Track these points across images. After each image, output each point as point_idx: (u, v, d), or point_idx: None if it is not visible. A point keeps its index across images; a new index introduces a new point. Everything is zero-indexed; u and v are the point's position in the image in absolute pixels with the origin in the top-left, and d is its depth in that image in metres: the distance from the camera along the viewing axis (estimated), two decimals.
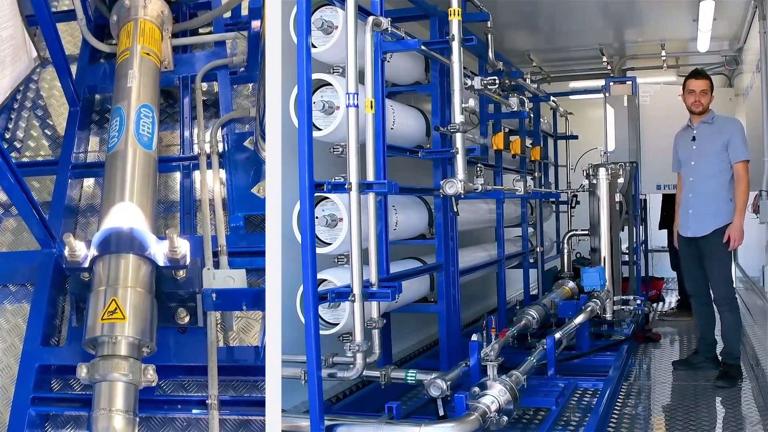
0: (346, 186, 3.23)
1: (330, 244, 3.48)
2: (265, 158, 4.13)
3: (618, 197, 6.55)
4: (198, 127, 4.61)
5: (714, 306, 5.38)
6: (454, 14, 3.82)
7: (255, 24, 4.69)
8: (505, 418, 3.38)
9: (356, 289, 3.24)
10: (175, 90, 4.99)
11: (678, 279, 8.03)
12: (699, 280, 5.33)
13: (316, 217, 3.38)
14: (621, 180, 6.73)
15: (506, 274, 5.89)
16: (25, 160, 4.80)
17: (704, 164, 5.20)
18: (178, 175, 4.57)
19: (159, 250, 3.37)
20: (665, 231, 8.07)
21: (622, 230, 6.76)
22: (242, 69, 4.99)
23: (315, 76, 3.35)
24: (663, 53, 8.14)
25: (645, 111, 7.62)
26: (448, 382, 3.46)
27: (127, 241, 3.34)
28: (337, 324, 3.53)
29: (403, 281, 3.79)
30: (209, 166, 4.38)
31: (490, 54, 5.09)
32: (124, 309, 3.10)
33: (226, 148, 4.50)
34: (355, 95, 3.23)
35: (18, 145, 4.91)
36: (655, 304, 8.28)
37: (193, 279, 3.45)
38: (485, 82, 4.11)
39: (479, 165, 4.56)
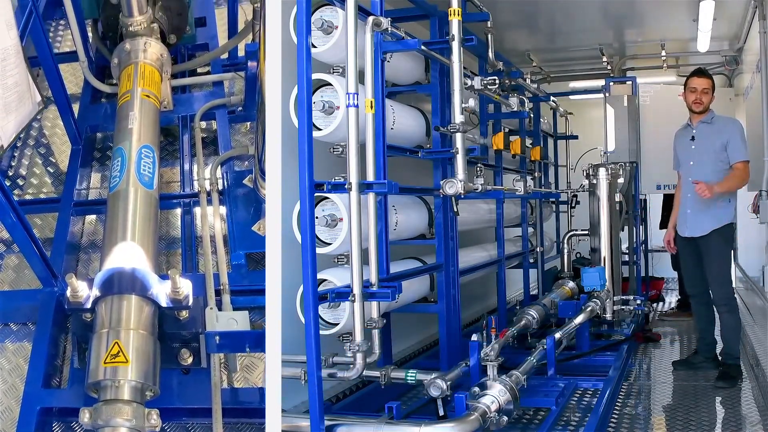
0: (346, 186, 3.23)
1: (330, 244, 3.48)
2: (265, 196, 4.15)
3: (618, 197, 6.55)
4: (198, 165, 4.68)
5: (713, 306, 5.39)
6: (454, 14, 3.82)
7: (252, 64, 4.79)
8: (505, 418, 3.38)
9: (356, 289, 3.24)
10: (175, 128, 5.08)
11: (678, 279, 8.03)
12: (698, 280, 5.33)
13: (316, 217, 3.38)
14: (621, 180, 6.73)
15: (506, 274, 5.89)
16: (28, 197, 4.85)
17: (703, 164, 5.20)
18: (179, 212, 4.60)
19: (161, 291, 3.35)
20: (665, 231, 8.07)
21: (622, 230, 6.76)
22: (240, 108, 5.09)
23: (315, 76, 3.35)
24: (663, 53, 8.13)
25: (645, 111, 7.61)
26: (448, 382, 3.46)
27: (129, 281, 3.32)
28: (337, 324, 3.53)
29: (403, 281, 3.79)
30: (209, 203, 4.42)
31: (490, 54, 5.09)
32: (127, 352, 3.08)
33: (225, 185, 4.55)
34: (355, 95, 3.23)
35: (21, 183, 4.96)
36: (655, 304, 8.28)
37: (196, 318, 3.42)
38: (485, 82, 4.11)
39: (479, 165, 4.56)
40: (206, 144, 4.98)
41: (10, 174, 4.99)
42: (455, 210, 4.09)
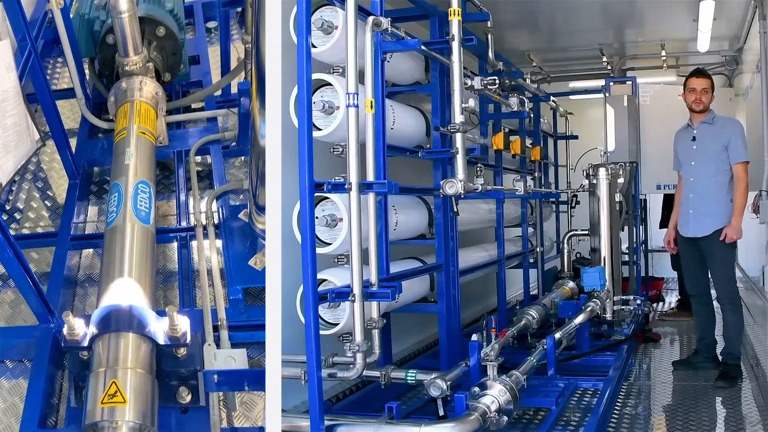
0: (346, 186, 3.23)
1: (330, 244, 3.48)
2: (260, 231, 4.21)
3: (618, 197, 6.55)
4: (193, 200, 4.72)
5: (714, 305, 5.39)
6: (454, 14, 3.82)
7: (244, 101, 4.89)
8: (505, 418, 3.38)
9: (356, 289, 3.24)
10: (171, 162, 5.16)
11: (678, 279, 8.03)
12: (699, 279, 5.34)
13: (316, 217, 3.38)
14: (621, 180, 6.73)
15: (506, 274, 5.89)
16: (24, 231, 4.85)
17: (704, 165, 5.20)
18: (175, 245, 4.60)
19: (159, 328, 3.31)
20: (665, 231, 8.07)
21: (622, 230, 6.76)
22: (234, 143, 5.19)
23: (315, 76, 3.35)
24: (663, 53, 8.14)
25: (645, 111, 7.61)
26: (448, 382, 3.46)
27: (127, 319, 3.28)
28: (337, 324, 3.53)
29: (403, 281, 3.79)
30: (206, 237, 4.43)
31: (490, 54, 5.09)
32: (125, 392, 3.03)
33: (221, 219, 4.58)
34: (355, 95, 3.23)
35: (18, 217, 4.97)
36: (655, 304, 8.28)
37: (194, 355, 3.37)
38: (485, 82, 4.11)
39: (479, 165, 4.56)
40: (201, 178, 5.06)
41: (8, 208, 5.01)
42: (455, 210, 4.09)
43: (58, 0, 4.89)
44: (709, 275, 5.30)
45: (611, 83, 7.68)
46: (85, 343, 3.25)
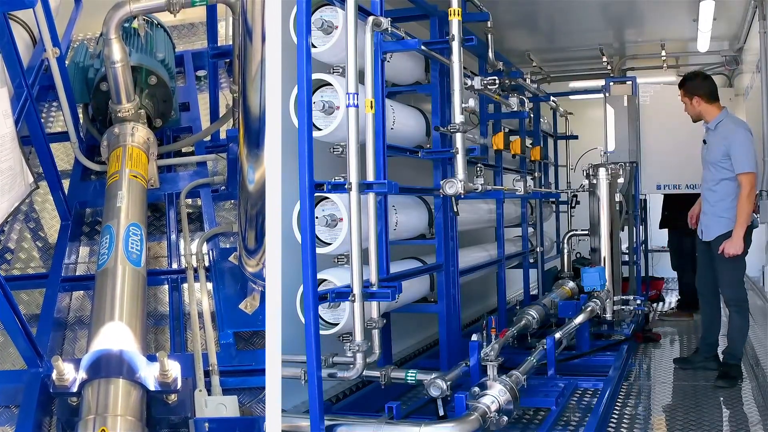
0: (346, 186, 3.23)
1: (330, 244, 3.48)
2: (250, 274, 4.22)
3: (618, 197, 6.55)
4: (184, 243, 4.76)
5: (721, 306, 5.38)
6: (454, 14, 3.82)
7: (233, 147, 5.01)
8: (505, 418, 3.38)
9: (356, 289, 3.24)
10: (162, 204, 5.24)
11: (678, 279, 8.03)
12: (707, 280, 5.32)
13: (316, 217, 3.38)
14: (621, 180, 6.73)
15: (506, 274, 5.89)
16: (15, 272, 4.84)
17: (708, 170, 5.15)
18: (166, 288, 4.61)
19: (149, 374, 3.29)
20: (665, 231, 8.07)
21: (622, 230, 6.76)
22: (223, 187, 5.30)
23: (315, 76, 3.35)
24: (663, 53, 8.13)
25: (645, 111, 7.61)
26: (448, 382, 3.46)
27: (117, 364, 3.25)
28: (337, 324, 3.53)
29: (403, 281, 3.79)
30: (196, 279, 4.44)
31: (490, 54, 5.10)
32: None
33: (212, 262, 4.60)
34: (355, 95, 3.23)
35: (9, 257, 4.97)
36: (655, 304, 8.28)
37: (185, 402, 3.36)
38: (485, 82, 4.12)
39: (479, 165, 4.57)
40: (192, 220, 5.13)
41: None
42: (455, 210, 4.09)
43: (54, 49, 5.03)
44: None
45: (611, 83, 7.67)
46: (75, 389, 3.23)
